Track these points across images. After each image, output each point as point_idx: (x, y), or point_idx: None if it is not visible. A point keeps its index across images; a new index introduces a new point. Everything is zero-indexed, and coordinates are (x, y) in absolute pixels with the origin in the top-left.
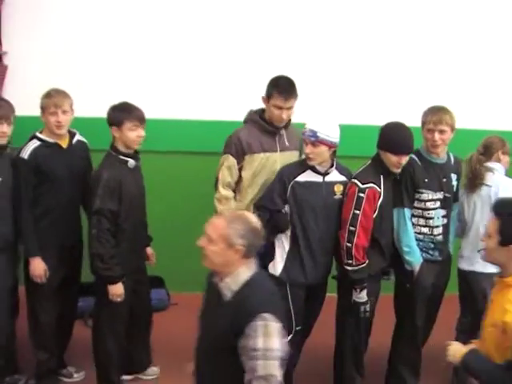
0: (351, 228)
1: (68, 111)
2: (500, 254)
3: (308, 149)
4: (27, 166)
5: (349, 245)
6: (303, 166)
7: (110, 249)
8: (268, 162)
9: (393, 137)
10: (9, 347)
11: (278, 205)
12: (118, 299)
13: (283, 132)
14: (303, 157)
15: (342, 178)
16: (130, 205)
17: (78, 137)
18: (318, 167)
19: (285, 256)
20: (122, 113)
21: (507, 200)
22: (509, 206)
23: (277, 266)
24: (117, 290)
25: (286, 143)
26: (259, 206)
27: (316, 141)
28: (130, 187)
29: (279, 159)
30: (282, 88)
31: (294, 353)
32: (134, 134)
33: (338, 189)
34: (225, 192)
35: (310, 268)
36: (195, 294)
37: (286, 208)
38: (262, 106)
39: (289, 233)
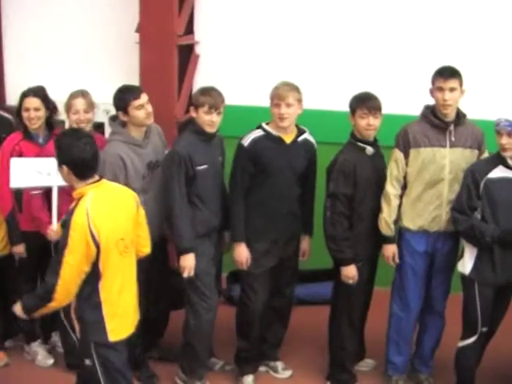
0: None
1: (292, 105)
2: None
3: (504, 139)
4: (245, 153)
5: None
6: (494, 161)
7: (342, 231)
8: (435, 158)
9: None
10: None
11: (475, 205)
12: (350, 281)
13: (452, 127)
14: (486, 154)
15: None
16: (365, 190)
17: (306, 136)
18: (510, 161)
19: (475, 254)
20: (356, 101)
21: None
22: None
23: (466, 265)
24: (348, 272)
25: (454, 139)
26: (459, 211)
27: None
28: (366, 172)
29: (449, 155)
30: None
31: (476, 354)
32: (363, 122)
33: None
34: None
35: (501, 267)
36: None
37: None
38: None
39: None
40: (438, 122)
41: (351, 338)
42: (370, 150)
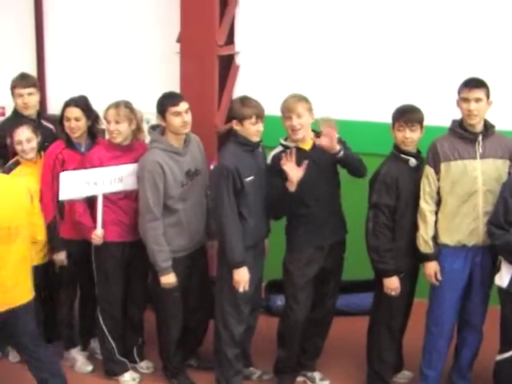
0: None
1: (302, 115)
2: None
3: None
4: (269, 171)
5: None
6: None
7: (385, 242)
8: (466, 170)
9: None
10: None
11: None
12: (393, 293)
13: (480, 139)
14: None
15: None
16: (407, 202)
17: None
18: None
19: None
20: (395, 113)
21: None
22: None
23: (504, 279)
24: (391, 284)
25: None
26: (496, 225)
27: None
28: (408, 185)
29: (480, 167)
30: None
31: None
32: (400, 135)
33: None
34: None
35: None
36: None
37: None
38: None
39: None
40: (466, 134)
41: (391, 349)
42: (413, 161)
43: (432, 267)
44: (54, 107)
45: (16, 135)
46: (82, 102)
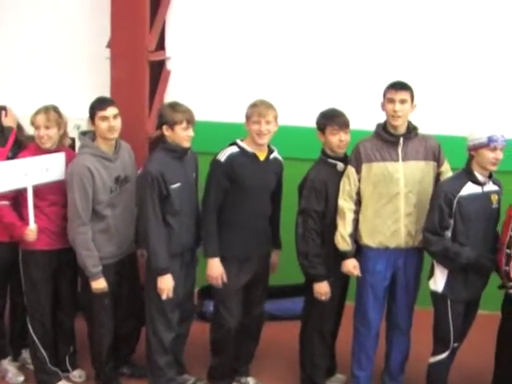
0: (507, 251)
1: (271, 122)
2: None
3: (500, 154)
4: (222, 168)
5: (507, 268)
6: (463, 178)
7: (314, 247)
8: (388, 172)
9: None
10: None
11: (447, 224)
12: (323, 298)
13: (401, 141)
14: (446, 165)
15: (496, 188)
16: (336, 206)
17: (275, 154)
18: (480, 177)
19: (447, 272)
20: (325, 119)
21: None
22: None
23: (438, 283)
24: (321, 289)
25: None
26: (432, 231)
27: (503, 146)
28: (337, 189)
29: (402, 169)
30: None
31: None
32: (335, 138)
33: (494, 198)
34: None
35: (472, 283)
36: None
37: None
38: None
39: None
40: (387, 137)
41: (322, 353)
42: (340, 166)
43: (350, 264)
44: None
45: None
46: None
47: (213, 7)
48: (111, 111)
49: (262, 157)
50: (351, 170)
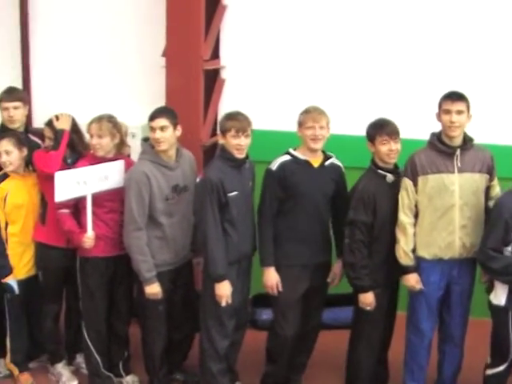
0: None
1: (324, 128)
2: None
3: None
4: (274, 177)
5: None
6: None
7: (361, 259)
8: (444, 184)
9: None
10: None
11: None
12: (368, 308)
13: (458, 153)
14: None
15: None
16: (384, 217)
17: (332, 160)
18: None
19: (507, 286)
20: (374, 129)
21: None
22: None
23: (500, 297)
24: (366, 299)
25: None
26: (494, 248)
27: None
28: (386, 200)
29: (457, 181)
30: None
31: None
32: (385, 148)
33: None
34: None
35: None
36: None
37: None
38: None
39: None
40: (444, 148)
41: (369, 363)
42: (390, 177)
43: (413, 279)
44: (39, 121)
45: None
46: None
47: (267, 16)
48: (158, 123)
49: (315, 163)
50: (409, 182)
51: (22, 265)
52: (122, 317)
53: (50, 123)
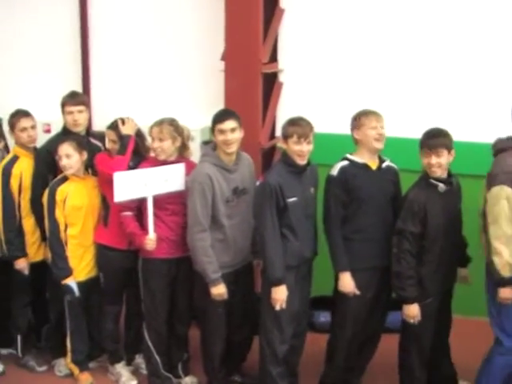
0: None
1: (383, 128)
2: None
3: None
4: (336, 182)
5: None
6: None
7: (407, 269)
8: None
9: None
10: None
11: None
12: (411, 320)
13: None
14: None
15: None
16: (436, 227)
17: (388, 162)
18: None
19: None
20: (421, 138)
21: None
22: None
23: None
24: (410, 311)
25: None
26: None
27: None
28: (437, 211)
29: None
30: None
31: None
32: (425, 161)
33: None
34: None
35: None
36: None
37: None
38: None
39: None
40: None
41: (421, 367)
42: (442, 187)
43: (509, 292)
44: (98, 124)
45: (58, 150)
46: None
47: (325, 19)
48: (229, 125)
49: (373, 166)
50: (509, 190)
51: (81, 267)
52: (182, 318)
53: (115, 127)
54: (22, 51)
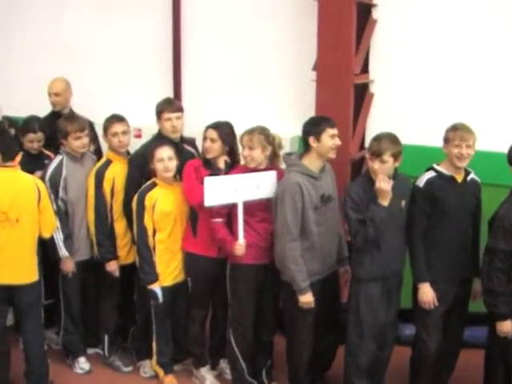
0: None
1: (471, 147)
2: None
3: None
4: (422, 193)
5: None
6: None
7: (499, 286)
8: None
9: None
10: None
11: None
12: (506, 335)
13: None
14: None
15: None
16: None
17: (472, 175)
18: None
19: None
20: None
21: None
22: None
23: None
24: (503, 328)
25: None
26: None
27: None
28: None
29: None
30: None
31: None
32: None
33: None
34: None
35: None
36: None
37: None
38: None
39: None
40: None
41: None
42: None
43: None
44: (189, 131)
45: (158, 154)
46: (222, 127)
47: (417, 31)
48: (336, 130)
49: (459, 179)
50: None
51: (168, 272)
52: (268, 324)
53: (216, 126)
54: (115, 57)
